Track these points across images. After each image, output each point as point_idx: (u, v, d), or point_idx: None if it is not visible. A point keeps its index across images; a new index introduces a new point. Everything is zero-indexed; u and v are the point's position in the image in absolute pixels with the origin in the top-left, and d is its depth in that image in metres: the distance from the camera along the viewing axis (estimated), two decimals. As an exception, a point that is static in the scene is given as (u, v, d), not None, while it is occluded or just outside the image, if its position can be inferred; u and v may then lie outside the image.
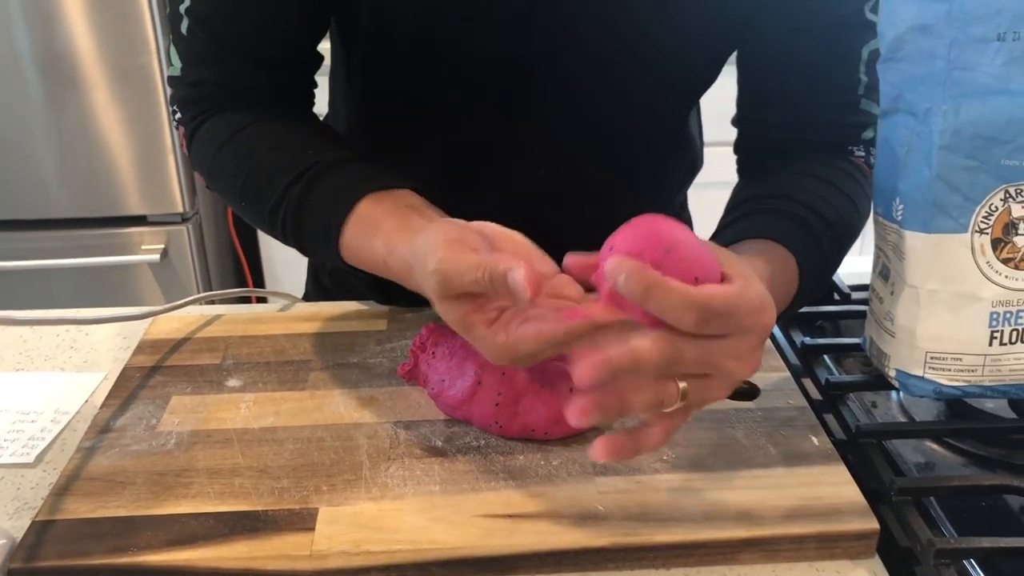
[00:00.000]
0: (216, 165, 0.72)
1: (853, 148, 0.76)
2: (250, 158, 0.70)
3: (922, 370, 0.66)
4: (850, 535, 0.57)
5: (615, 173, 0.82)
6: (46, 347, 0.82)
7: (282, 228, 0.69)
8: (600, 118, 0.78)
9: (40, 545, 0.56)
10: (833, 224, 0.69)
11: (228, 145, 0.71)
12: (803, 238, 0.67)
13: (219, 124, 0.73)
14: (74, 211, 1.87)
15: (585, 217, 0.73)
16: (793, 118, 0.76)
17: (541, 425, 0.64)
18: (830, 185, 0.72)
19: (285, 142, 0.70)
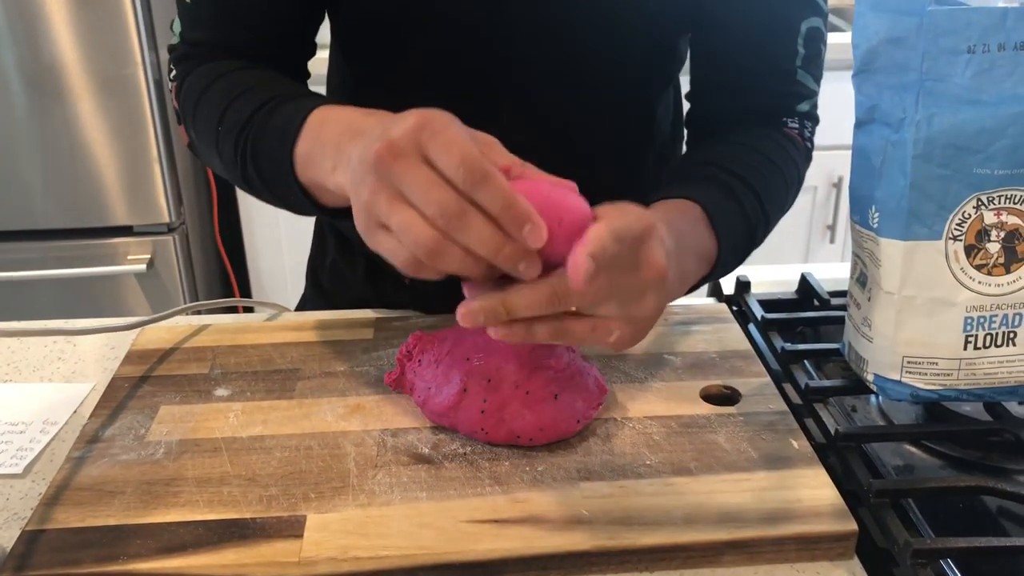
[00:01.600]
0: (203, 100, 0.72)
1: (787, 120, 0.80)
2: (235, 89, 0.71)
3: (899, 374, 0.67)
4: (830, 537, 0.59)
5: (586, 145, 0.84)
6: (34, 358, 0.82)
7: (244, 144, 0.67)
8: (570, 89, 0.80)
9: (30, 555, 0.57)
10: (758, 192, 0.73)
11: (220, 80, 0.72)
12: (724, 202, 0.70)
13: (212, 67, 0.74)
14: (60, 222, 1.86)
15: None
16: (733, 85, 0.80)
17: (526, 431, 0.65)
18: (760, 154, 0.76)
19: (276, 79, 0.72)
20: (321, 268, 0.98)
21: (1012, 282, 0.64)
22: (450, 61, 0.78)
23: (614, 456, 0.65)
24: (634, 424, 0.68)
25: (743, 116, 0.80)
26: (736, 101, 0.80)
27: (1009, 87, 0.61)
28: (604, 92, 0.82)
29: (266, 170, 0.67)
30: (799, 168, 0.80)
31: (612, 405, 0.70)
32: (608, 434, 0.67)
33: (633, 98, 0.85)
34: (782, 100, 0.80)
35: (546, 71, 0.79)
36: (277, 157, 0.64)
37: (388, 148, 0.50)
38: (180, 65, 0.77)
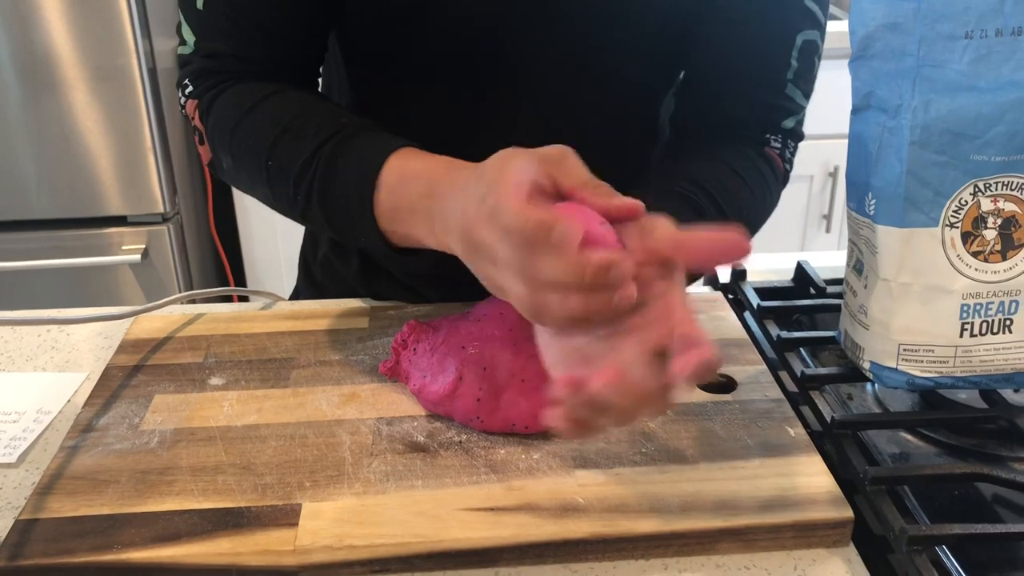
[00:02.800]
0: (242, 128, 0.71)
1: (770, 137, 0.78)
2: (281, 119, 0.69)
3: (895, 362, 0.67)
4: (825, 524, 0.59)
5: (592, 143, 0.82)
6: (27, 347, 0.82)
7: (309, 186, 0.67)
8: (578, 85, 0.79)
9: (24, 544, 0.57)
10: (728, 215, 0.71)
11: (258, 108, 0.71)
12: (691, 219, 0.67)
13: (244, 91, 0.72)
14: (54, 212, 1.86)
15: None
16: (721, 90, 0.78)
17: (522, 419, 0.65)
18: (737, 176, 0.74)
19: (318, 106, 0.71)
20: (313, 261, 0.97)
21: (1008, 269, 0.64)
22: (455, 60, 0.77)
23: (610, 444, 0.65)
24: (630, 412, 0.68)
25: (727, 124, 0.78)
26: (723, 108, 0.79)
27: (1006, 73, 0.60)
28: (611, 89, 0.81)
29: (338, 218, 0.66)
30: (771, 191, 0.79)
31: (608, 393, 0.70)
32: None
33: (639, 95, 0.84)
34: (769, 113, 0.78)
35: (554, 67, 0.77)
36: (354, 212, 0.64)
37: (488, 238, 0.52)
38: (199, 81, 0.74)
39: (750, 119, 0.79)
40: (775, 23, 0.75)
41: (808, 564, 0.58)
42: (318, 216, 0.68)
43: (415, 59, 0.78)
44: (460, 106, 0.80)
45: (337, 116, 0.69)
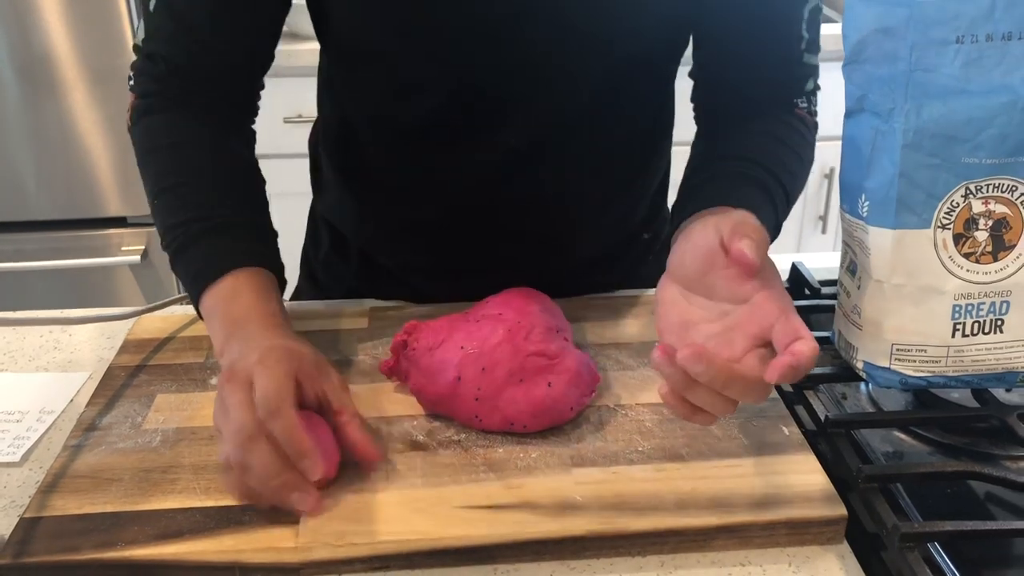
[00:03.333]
0: (144, 164, 0.77)
1: (797, 100, 0.81)
2: (166, 179, 0.75)
3: (888, 362, 0.68)
4: (819, 521, 0.59)
5: (605, 134, 0.83)
6: (30, 347, 0.83)
7: (167, 247, 0.74)
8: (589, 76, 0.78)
9: (28, 542, 0.57)
10: (787, 187, 0.75)
11: (157, 153, 0.76)
12: (763, 203, 0.71)
13: (159, 127, 0.76)
14: (53, 213, 1.86)
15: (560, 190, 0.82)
16: (743, 75, 0.80)
17: (520, 418, 0.66)
18: (783, 144, 0.78)
19: (200, 178, 0.75)
20: (315, 260, 0.98)
21: (999, 270, 0.65)
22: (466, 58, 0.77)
23: (607, 443, 0.66)
24: (626, 411, 0.69)
25: (752, 105, 0.80)
26: (745, 91, 0.80)
27: (997, 77, 0.61)
28: (621, 77, 0.80)
29: (180, 275, 0.74)
30: (812, 147, 0.82)
31: (605, 392, 0.71)
32: (601, 421, 0.68)
33: (648, 81, 0.84)
34: (790, 86, 0.81)
35: (565, 61, 0.77)
36: (189, 288, 0.72)
37: (228, 372, 0.61)
38: (139, 79, 0.77)
39: (773, 96, 0.80)
40: (785, 4, 0.77)
41: (802, 561, 0.59)
42: (170, 256, 0.74)
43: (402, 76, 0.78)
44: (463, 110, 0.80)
45: (204, 203, 0.73)
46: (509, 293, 0.75)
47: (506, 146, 0.79)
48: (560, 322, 0.72)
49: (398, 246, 0.89)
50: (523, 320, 0.70)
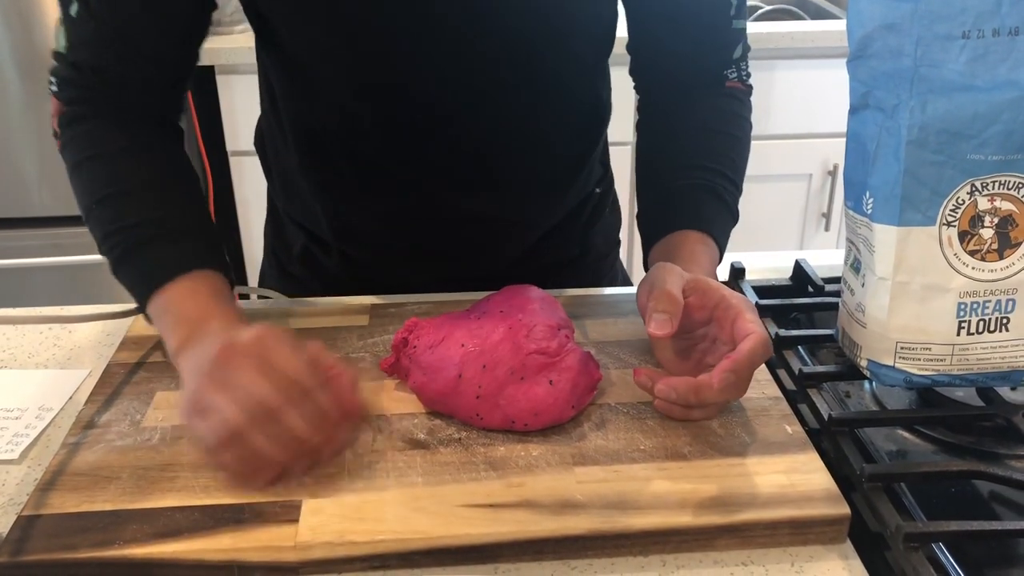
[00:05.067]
0: (73, 174, 0.77)
1: (727, 72, 0.84)
2: (104, 187, 0.75)
3: (893, 360, 0.67)
4: (822, 521, 0.59)
5: (540, 131, 0.85)
6: (29, 344, 0.82)
7: (107, 256, 0.75)
8: (519, 76, 0.80)
9: (26, 540, 0.57)
10: (733, 177, 0.82)
11: (86, 164, 0.76)
12: (720, 214, 0.80)
13: (86, 137, 0.77)
14: (56, 210, 1.86)
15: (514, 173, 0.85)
16: (674, 44, 0.83)
17: (521, 417, 0.65)
18: (720, 134, 0.84)
19: (130, 190, 0.75)
20: (288, 260, 0.97)
21: (1005, 268, 0.64)
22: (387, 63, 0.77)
23: (608, 441, 0.65)
24: (628, 410, 0.68)
25: (685, 73, 0.84)
26: (678, 63, 0.84)
27: (1003, 73, 0.61)
28: (551, 73, 0.82)
29: (124, 279, 0.74)
30: (749, 121, 0.87)
31: (607, 391, 0.71)
32: (602, 420, 0.67)
33: (578, 73, 0.85)
34: (720, 53, 0.84)
35: (494, 60, 0.78)
36: (135, 293, 0.73)
37: (230, 348, 0.60)
38: (64, 87, 0.77)
39: (706, 65, 0.84)
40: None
41: (805, 560, 0.58)
42: (110, 262, 0.75)
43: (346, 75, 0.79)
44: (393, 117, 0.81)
45: (146, 209, 0.74)
46: (510, 290, 0.75)
47: (459, 136, 0.81)
48: (562, 320, 0.72)
49: (369, 238, 0.90)
50: (524, 318, 0.69)
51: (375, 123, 0.81)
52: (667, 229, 0.79)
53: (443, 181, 0.84)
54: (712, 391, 0.63)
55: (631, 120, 1.92)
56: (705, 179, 0.80)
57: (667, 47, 0.84)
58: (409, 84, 0.78)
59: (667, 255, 0.75)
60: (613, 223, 1.02)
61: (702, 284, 0.69)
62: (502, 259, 0.91)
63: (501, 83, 0.79)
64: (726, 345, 0.66)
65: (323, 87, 0.80)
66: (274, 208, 0.99)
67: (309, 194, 0.88)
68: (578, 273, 0.95)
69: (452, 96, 0.79)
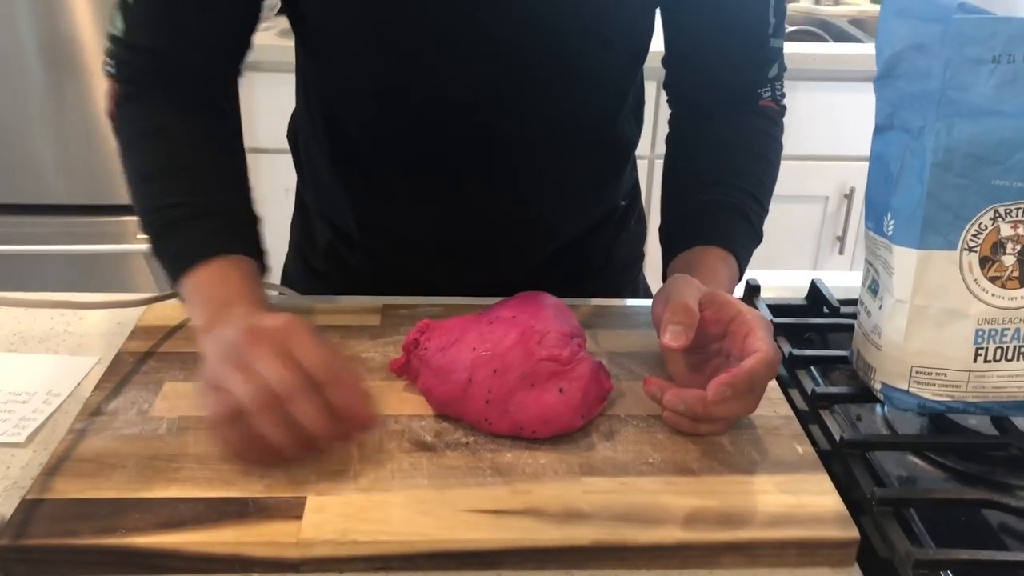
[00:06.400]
0: (123, 153, 0.78)
1: (761, 91, 0.85)
2: (151, 164, 0.76)
3: (907, 384, 0.67)
4: (831, 543, 0.58)
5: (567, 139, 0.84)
6: (40, 330, 0.82)
7: (146, 232, 0.75)
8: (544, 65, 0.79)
9: (28, 524, 0.57)
10: (759, 197, 0.82)
11: (136, 142, 0.77)
12: (746, 235, 0.80)
13: (138, 117, 0.78)
14: (71, 198, 1.87)
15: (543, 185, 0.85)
16: (711, 59, 0.83)
17: (530, 424, 0.65)
18: (750, 153, 0.84)
19: (175, 168, 0.76)
20: (312, 253, 0.97)
21: (1026, 296, 0.63)
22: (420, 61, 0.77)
23: (616, 452, 0.65)
24: (638, 422, 0.68)
25: (720, 91, 0.84)
26: (713, 79, 0.84)
27: (1032, 99, 0.60)
28: (586, 77, 0.81)
29: (161, 258, 0.74)
30: (780, 142, 0.87)
31: (617, 402, 0.70)
32: (612, 430, 0.67)
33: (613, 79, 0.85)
34: (756, 72, 0.84)
35: (528, 62, 0.78)
36: (169, 271, 0.73)
37: (253, 331, 0.60)
38: (121, 68, 0.78)
39: (741, 82, 0.84)
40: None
41: (811, 582, 0.58)
42: (149, 237, 0.75)
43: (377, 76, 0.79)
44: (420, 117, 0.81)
45: (190, 189, 0.75)
46: (524, 297, 0.74)
47: (489, 138, 0.81)
48: (574, 328, 0.72)
49: (394, 236, 0.90)
50: (537, 324, 0.69)
51: (406, 121, 0.81)
52: (689, 243, 0.78)
53: (471, 182, 0.83)
54: (706, 404, 0.63)
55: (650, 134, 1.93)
56: (731, 196, 0.80)
57: (703, 63, 0.84)
58: (441, 82, 0.78)
59: (687, 269, 0.75)
60: (638, 235, 1.02)
61: (719, 298, 0.68)
62: (523, 266, 0.90)
63: (534, 85, 0.79)
64: (738, 361, 0.65)
65: (355, 83, 0.81)
66: (302, 203, 0.99)
67: (337, 189, 0.88)
68: (599, 285, 0.94)
69: (484, 96, 0.78)
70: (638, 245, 1.02)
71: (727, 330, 0.68)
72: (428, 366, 0.69)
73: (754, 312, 0.67)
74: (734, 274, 0.78)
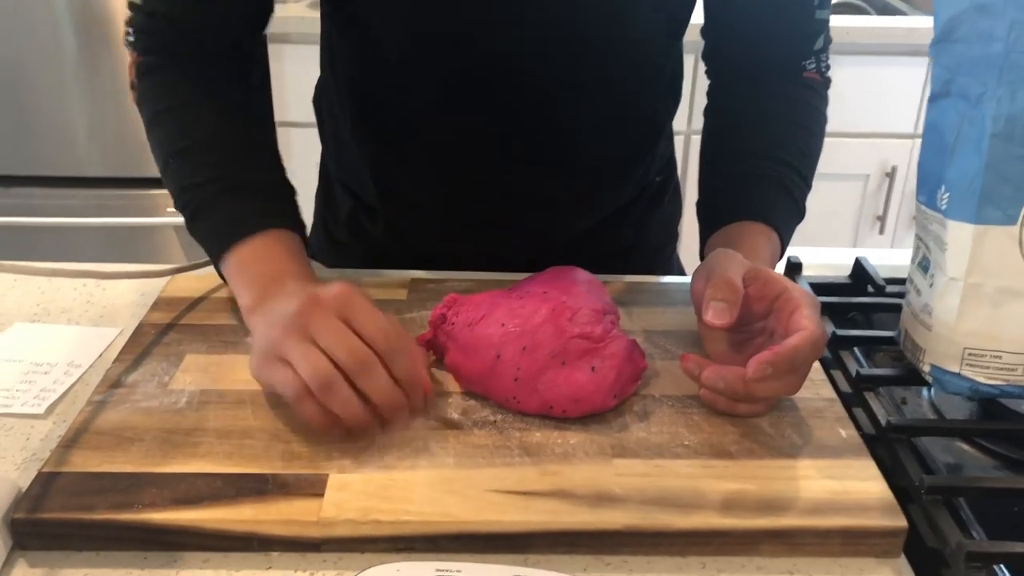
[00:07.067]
0: (149, 128, 0.76)
1: (805, 63, 0.81)
2: (180, 140, 0.74)
3: (959, 366, 0.63)
4: (877, 532, 0.55)
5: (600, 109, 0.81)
6: (63, 300, 0.81)
7: (183, 210, 0.74)
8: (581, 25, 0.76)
9: (44, 496, 0.55)
10: (803, 171, 0.78)
11: (162, 117, 0.75)
12: (788, 210, 0.77)
13: (162, 88, 0.76)
14: (103, 170, 1.87)
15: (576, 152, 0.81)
16: (754, 29, 0.80)
17: (560, 403, 0.62)
18: (794, 125, 0.81)
19: (206, 142, 0.74)
20: (334, 223, 0.95)
21: (1089, 275, 0.60)
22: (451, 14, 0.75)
23: (650, 434, 0.62)
24: (673, 403, 0.65)
25: (764, 63, 0.81)
26: (756, 50, 0.81)
27: (1102, 64, 0.56)
28: (627, 40, 0.78)
29: (199, 235, 0.73)
30: (824, 114, 0.83)
31: (651, 382, 0.67)
32: (645, 411, 0.64)
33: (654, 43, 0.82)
34: (801, 43, 0.81)
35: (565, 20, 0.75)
36: (208, 250, 0.72)
37: (313, 302, 0.59)
38: (139, 36, 0.76)
39: (785, 54, 0.81)
40: None
41: (855, 573, 0.55)
42: (185, 216, 0.74)
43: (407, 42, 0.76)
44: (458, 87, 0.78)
45: (224, 164, 0.73)
46: (555, 271, 0.72)
47: (518, 106, 0.78)
48: (607, 305, 0.69)
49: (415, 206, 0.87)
50: (569, 300, 0.66)
51: (432, 82, 0.78)
52: (729, 219, 0.75)
53: (497, 152, 0.80)
54: (747, 383, 0.60)
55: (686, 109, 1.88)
56: (774, 169, 0.77)
57: (746, 33, 0.81)
58: (472, 36, 0.75)
59: (726, 246, 0.72)
60: (672, 214, 0.98)
61: (763, 274, 0.65)
62: (551, 242, 0.87)
63: (568, 46, 0.75)
64: (782, 339, 0.62)
65: (382, 43, 0.78)
66: (326, 172, 0.97)
67: (359, 157, 0.86)
68: (631, 264, 0.90)
69: (516, 57, 0.75)
70: (673, 225, 0.99)
71: (772, 308, 0.64)
72: (455, 342, 0.66)
73: (801, 289, 0.64)
74: (776, 251, 0.74)
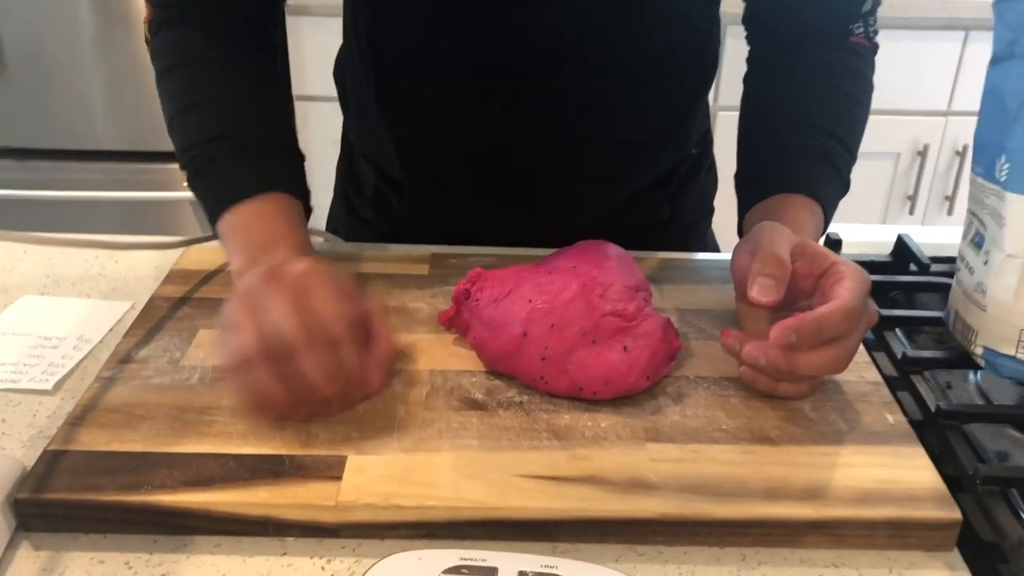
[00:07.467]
0: (159, 82, 0.75)
1: (853, 27, 0.77)
2: (188, 96, 0.72)
3: (1015, 349, 0.60)
4: (928, 524, 0.52)
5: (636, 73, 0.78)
6: (74, 272, 0.78)
7: (185, 167, 0.72)
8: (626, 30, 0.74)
9: (49, 476, 0.53)
10: (847, 143, 0.74)
11: (172, 71, 0.73)
12: (833, 182, 0.73)
13: (175, 44, 0.74)
14: (119, 144, 1.86)
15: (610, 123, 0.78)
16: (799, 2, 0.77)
17: (590, 384, 0.59)
18: (839, 93, 0.76)
19: (220, 93, 0.72)
20: (359, 199, 0.92)
21: None
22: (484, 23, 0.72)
23: (686, 418, 0.59)
24: (709, 385, 0.62)
25: (808, 28, 0.77)
26: (801, 13, 0.77)
27: None
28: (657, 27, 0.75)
29: (199, 192, 0.71)
30: (871, 83, 0.79)
31: (686, 362, 0.64)
32: (680, 393, 0.61)
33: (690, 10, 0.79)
34: (849, 5, 0.76)
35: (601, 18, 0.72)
36: (207, 209, 0.70)
37: (272, 275, 0.57)
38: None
39: (833, 16, 0.77)
40: None
41: (905, 567, 0.52)
42: (187, 172, 0.72)
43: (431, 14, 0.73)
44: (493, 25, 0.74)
45: (230, 122, 0.70)
46: (585, 245, 0.68)
47: (547, 72, 0.75)
48: (640, 281, 0.65)
49: (443, 180, 0.84)
50: (600, 276, 0.63)
51: (458, 43, 0.74)
52: (770, 191, 0.71)
53: (525, 123, 0.77)
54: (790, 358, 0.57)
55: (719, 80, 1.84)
56: (817, 140, 0.73)
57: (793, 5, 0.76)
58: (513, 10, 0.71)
59: (768, 219, 0.68)
60: (708, 188, 0.94)
61: (811, 248, 0.61)
62: (583, 217, 0.84)
63: (611, 14, 0.72)
64: None
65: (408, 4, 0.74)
66: (348, 147, 0.94)
67: (383, 125, 0.82)
68: (664, 239, 0.87)
69: (546, 18, 0.72)
70: (708, 198, 0.95)
71: (818, 284, 0.61)
72: (479, 319, 0.63)
73: (850, 264, 0.60)
74: (819, 225, 0.70)
